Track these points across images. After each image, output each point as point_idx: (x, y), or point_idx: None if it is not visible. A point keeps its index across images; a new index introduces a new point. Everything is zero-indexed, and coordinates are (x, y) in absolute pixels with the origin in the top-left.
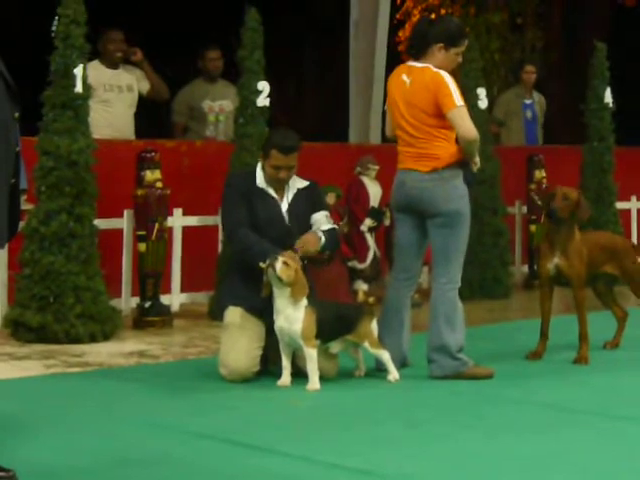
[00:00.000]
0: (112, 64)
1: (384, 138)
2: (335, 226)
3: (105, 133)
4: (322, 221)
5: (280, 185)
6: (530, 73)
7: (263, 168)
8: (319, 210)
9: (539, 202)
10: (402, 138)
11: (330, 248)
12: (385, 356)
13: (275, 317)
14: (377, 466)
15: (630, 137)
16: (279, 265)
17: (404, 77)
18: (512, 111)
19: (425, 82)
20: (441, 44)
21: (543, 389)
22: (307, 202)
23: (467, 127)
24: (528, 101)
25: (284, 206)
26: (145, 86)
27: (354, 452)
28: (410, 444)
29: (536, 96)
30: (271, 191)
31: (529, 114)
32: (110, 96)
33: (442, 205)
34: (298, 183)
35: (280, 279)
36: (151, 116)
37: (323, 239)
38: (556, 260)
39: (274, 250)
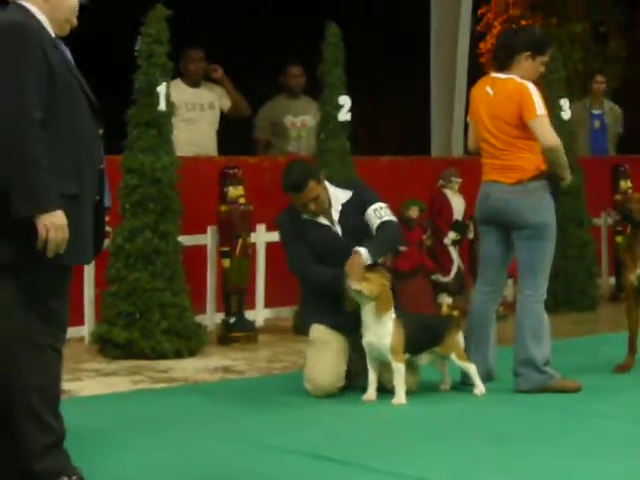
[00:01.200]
0: (193, 82)
1: (466, 150)
2: (387, 218)
3: (188, 151)
4: (371, 216)
5: (319, 214)
6: (600, 83)
7: None
8: (367, 205)
9: (618, 210)
10: (486, 150)
11: (388, 245)
12: (472, 369)
13: (363, 332)
14: None
15: None
16: (358, 285)
17: (488, 89)
18: (578, 122)
19: (509, 93)
20: (528, 52)
21: (632, 403)
22: (356, 211)
23: (548, 135)
24: (597, 111)
25: (336, 227)
26: (227, 103)
27: (440, 467)
28: (497, 460)
29: (607, 106)
30: (318, 219)
31: (597, 124)
32: (192, 115)
33: (528, 217)
34: (341, 197)
35: (359, 293)
36: (233, 133)
37: (365, 253)
38: (639, 271)
39: (340, 271)
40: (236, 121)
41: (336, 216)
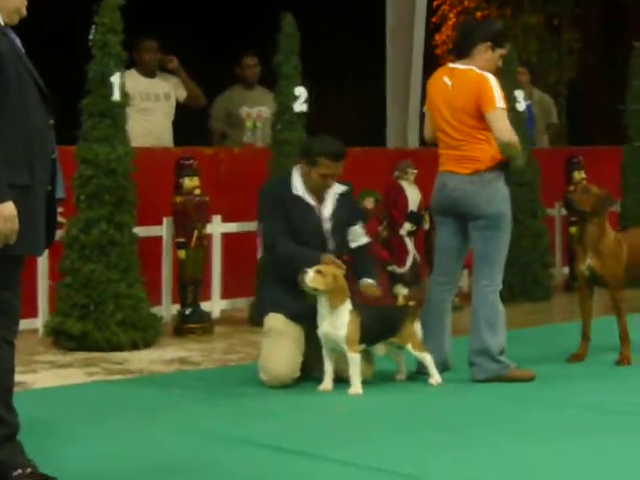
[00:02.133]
0: (148, 73)
1: (422, 142)
2: (369, 240)
3: (144, 142)
4: (359, 234)
5: (322, 192)
6: (522, 74)
7: (306, 176)
8: (356, 218)
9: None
10: (443, 140)
11: (367, 268)
12: (428, 359)
13: (319, 322)
14: (421, 471)
15: None
16: (310, 276)
17: (445, 79)
18: None
19: (468, 83)
20: (489, 43)
21: (586, 391)
22: (346, 209)
23: (504, 129)
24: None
25: (325, 213)
26: (182, 94)
27: (398, 457)
28: (454, 449)
29: (537, 96)
30: (308, 198)
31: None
32: (147, 105)
33: (484, 207)
34: (336, 188)
35: (315, 289)
36: (189, 123)
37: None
38: (589, 261)
39: (317, 256)
40: (191, 112)
41: (330, 203)
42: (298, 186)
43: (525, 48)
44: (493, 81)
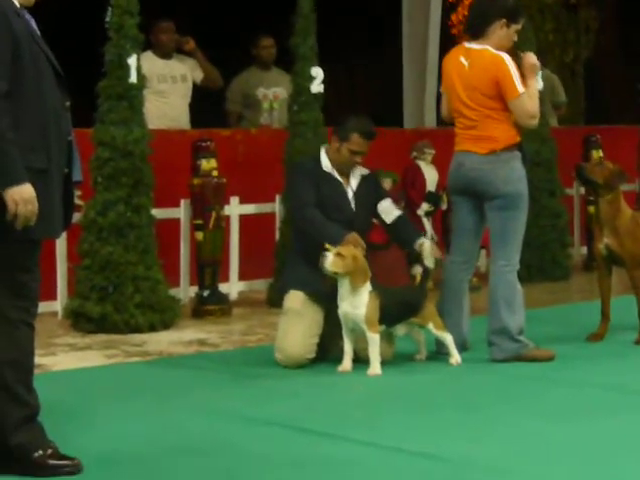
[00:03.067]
0: (165, 54)
1: (439, 122)
2: (401, 212)
3: (160, 124)
4: (391, 208)
5: (348, 170)
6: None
7: (335, 152)
8: (382, 197)
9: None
10: (459, 120)
11: (415, 232)
12: (448, 338)
13: (339, 302)
14: (441, 450)
15: None
16: (330, 259)
17: (462, 59)
18: None
19: (485, 64)
20: (504, 20)
21: (605, 371)
22: (370, 189)
23: (526, 116)
24: None
25: (350, 191)
26: (199, 75)
27: (417, 436)
28: (473, 428)
29: (543, 75)
30: (337, 175)
31: None
32: (164, 87)
33: (501, 187)
34: (360, 170)
35: (335, 273)
36: (206, 105)
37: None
38: (606, 240)
39: (342, 233)
40: (208, 93)
41: (354, 182)
42: (327, 164)
43: (542, 27)
44: (510, 63)
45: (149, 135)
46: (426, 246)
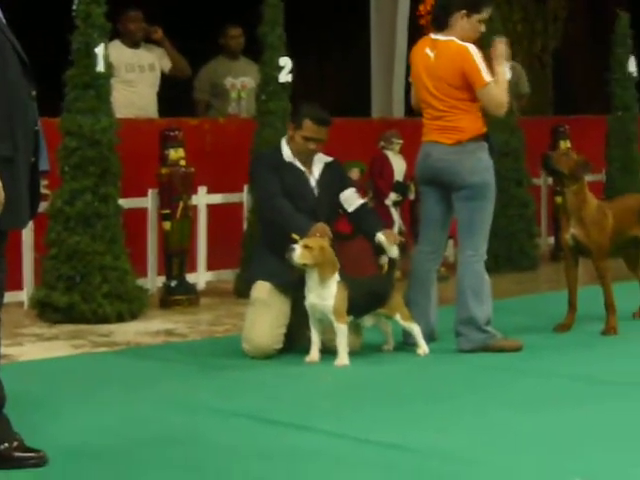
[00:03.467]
0: (133, 44)
1: (407, 112)
2: (365, 200)
3: (128, 113)
4: (353, 197)
5: (307, 158)
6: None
7: (290, 140)
8: (345, 186)
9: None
10: (427, 111)
11: (376, 223)
12: (415, 329)
13: (306, 294)
14: (408, 441)
15: None
16: (297, 252)
17: (427, 51)
18: None
19: (451, 55)
20: (464, 11)
21: (572, 361)
22: (334, 177)
23: (494, 104)
24: None
25: (313, 179)
26: (167, 64)
27: (385, 427)
28: (440, 418)
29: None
30: (299, 164)
31: None
32: (132, 76)
33: (467, 177)
34: (323, 158)
35: (303, 265)
36: (173, 94)
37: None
38: (572, 230)
39: (310, 224)
40: (176, 83)
41: (317, 171)
42: (287, 153)
43: (510, 18)
44: (475, 53)
45: (116, 124)
46: (382, 239)
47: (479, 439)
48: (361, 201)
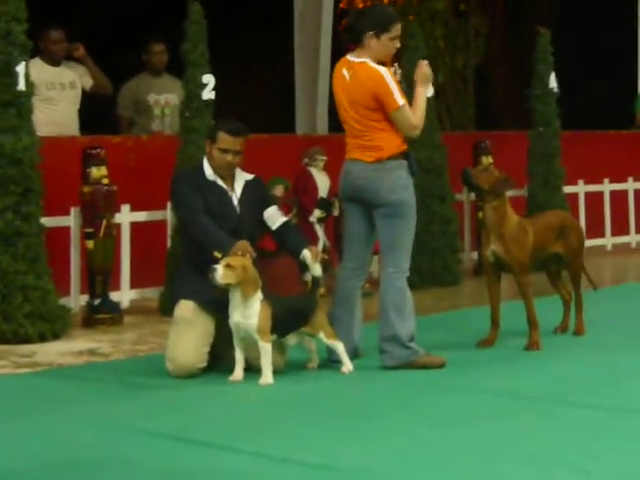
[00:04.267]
0: (54, 62)
1: (331, 128)
2: (288, 218)
3: (49, 131)
4: (276, 215)
5: (227, 173)
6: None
7: (209, 156)
8: (268, 203)
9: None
10: (348, 130)
11: (299, 241)
12: (339, 347)
13: (230, 313)
14: (332, 460)
15: (576, 121)
16: (219, 272)
17: (344, 72)
18: None
19: (363, 79)
20: (371, 32)
21: (496, 377)
22: (255, 194)
23: (407, 126)
24: None
25: (235, 197)
26: (88, 82)
27: (309, 446)
28: (364, 436)
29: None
30: (220, 182)
31: None
32: (53, 94)
33: (386, 195)
34: (244, 176)
35: (227, 284)
36: (96, 111)
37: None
38: (492, 246)
39: (232, 242)
40: (98, 100)
41: (239, 188)
42: (209, 171)
43: (432, 34)
44: (387, 76)
45: (38, 142)
46: (307, 257)
47: (402, 456)
48: (284, 219)
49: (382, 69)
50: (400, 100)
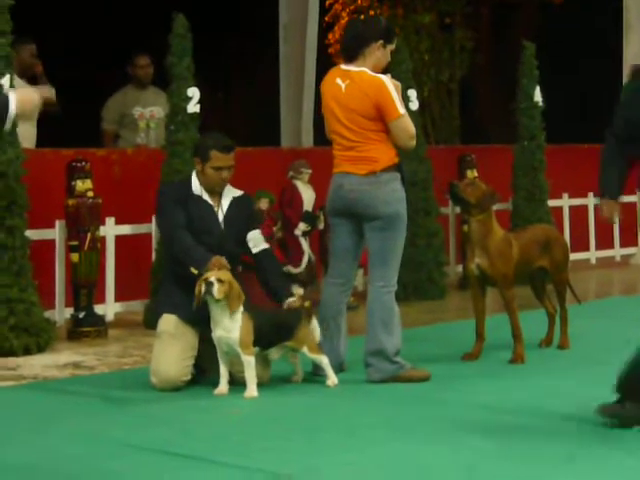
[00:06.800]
0: (25, 77)
1: (316, 141)
2: (268, 245)
3: None
4: (258, 239)
5: (219, 189)
6: None
7: (201, 174)
8: (252, 224)
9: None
10: (338, 142)
11: (284, 284)
12: (324, 361)
13: (212, 326)
14: (317, 474)
15: (561, 135)
16: (217, 288)
17: (338, 81)
18: None
19: (364, 88)
20: (381, 41)
21: (481, 391)
22: (242, 212)
23: (405, 137)
24: None
25: (221, 213)
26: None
27: (294, 460)
28: (349, 450)
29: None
30: (207, 198)
31: None
32: None
33: (381, 208)
34: (232, 192)
35: (219, 300)
36: (81, 124)
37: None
38: (477, 260)
39: (208, 257)
40: (84, 113)
41: (226, 204)
42: (197, 187)
43: (417, 47)
44: (389, 84)
45: (23, 156)
46: (293, 305)
47: (387, 471)
48: (265, 246)
49: (384, 77)
50: (401, 109)
